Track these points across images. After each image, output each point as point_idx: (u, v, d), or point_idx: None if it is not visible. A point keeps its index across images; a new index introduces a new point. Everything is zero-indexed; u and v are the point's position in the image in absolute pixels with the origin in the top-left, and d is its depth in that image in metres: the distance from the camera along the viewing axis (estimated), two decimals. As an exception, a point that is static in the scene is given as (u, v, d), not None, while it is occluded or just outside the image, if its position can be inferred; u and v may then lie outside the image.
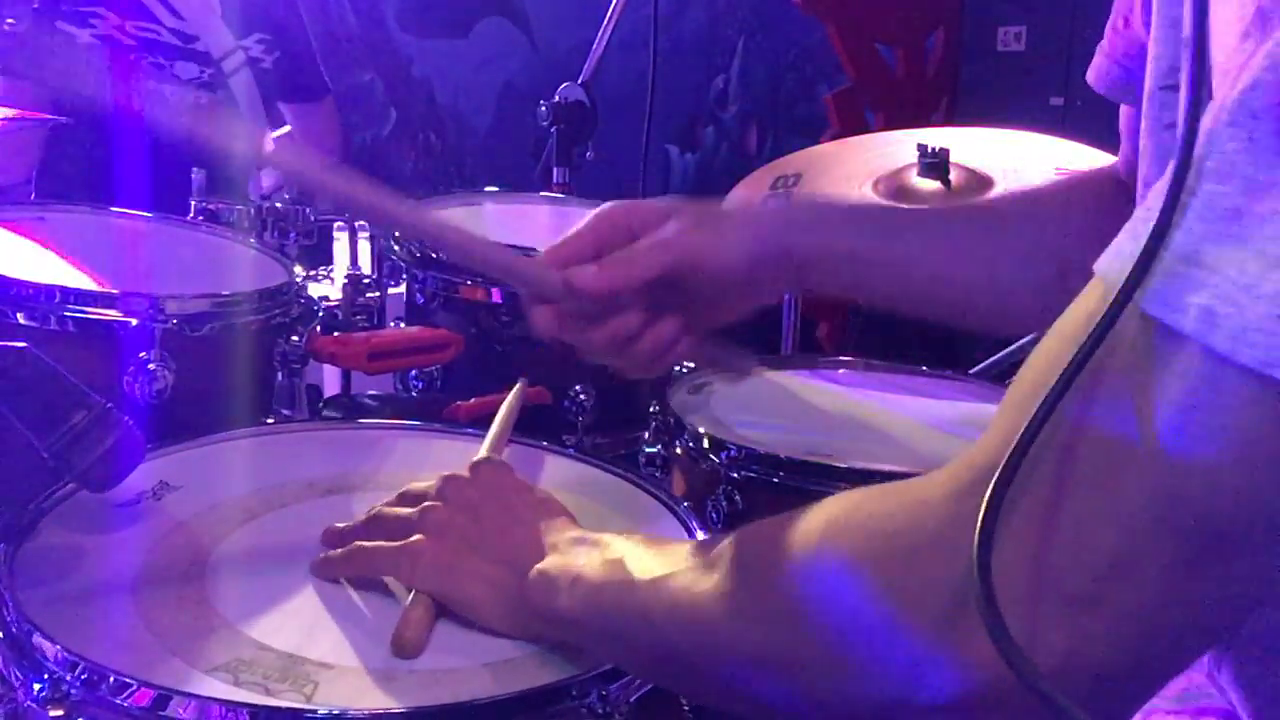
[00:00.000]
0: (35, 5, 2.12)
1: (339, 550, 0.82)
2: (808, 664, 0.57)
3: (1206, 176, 0.44)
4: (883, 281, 0.94)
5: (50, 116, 1.97)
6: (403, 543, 0.79)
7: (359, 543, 0.81)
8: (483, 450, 0.95)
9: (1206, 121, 0.45)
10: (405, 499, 0.85)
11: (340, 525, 0.85)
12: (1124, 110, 0.92)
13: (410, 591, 0.78)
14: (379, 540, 0.81)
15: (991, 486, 0.48)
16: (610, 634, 0.71)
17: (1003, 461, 0.48)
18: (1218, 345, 0.43)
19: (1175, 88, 0.62)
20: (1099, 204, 0.95)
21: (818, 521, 0.59)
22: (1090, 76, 0.89)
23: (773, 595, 0.60)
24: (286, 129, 2.55)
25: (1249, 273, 0.42)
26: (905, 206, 1.00)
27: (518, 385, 1.11)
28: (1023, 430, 0.48)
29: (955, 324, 1.02)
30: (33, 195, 2.14)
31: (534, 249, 1.42)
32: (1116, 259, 0.48)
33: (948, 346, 2.34)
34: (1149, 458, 0.45)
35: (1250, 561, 0.46)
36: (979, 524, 0.47)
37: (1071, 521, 0.48)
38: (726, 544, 0.65)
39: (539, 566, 0.75)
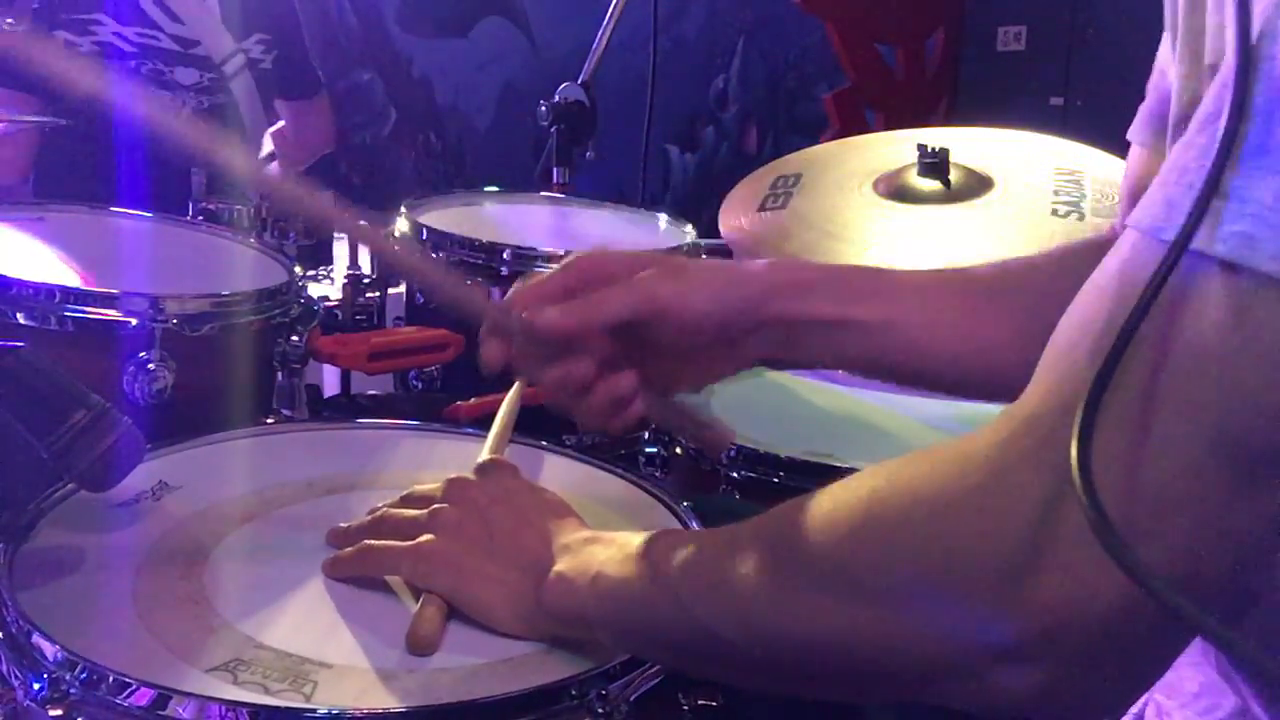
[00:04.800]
0: (35, 5, 2.12)
1: (348, 549, 0.82)
2: (866, 630, 0.57)
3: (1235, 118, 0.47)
4: (870, 347, 0.90)
5: (46, 119, 1.97)
6: (413, 543, 0.79)
7: (369, 541, 0.81)
8: (485, 451, 0.95)
9: (1222, 70, 0.48)
10: (410, 501, 0.85)
11: (345, 525, 0.85)
12: (1130, 159, 0.91)
13: (415, 592, 0.78)
14: (387, 540, 0.81)
15: (1081, 411, 0.48)
16: (639, 628, 0.70)
17: (1060, 402, 0.50)
18: (1261, 267, 0.45)
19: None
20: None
21: (859, 492, 0.60)
22: (1131, 133, 0.89)
23: (822, 569, 0.60)
24: (280, 124, 2.55)
25: None
26: (891, 270, 0.96)
27: (517, 384, 1.11)
28: (1104, 361, 0.48)
29: (945, 393, 1.00)
30: (31, 195, 2.15)
31: (534, 249, 1.43)
32: (1149, 209, 0.50)
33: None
34: (1200, 388, 0.47)
35: None
36: (1075, 438, 0.48)
37: (1129, 456, 0.49)
38: (758, 525, 0.65)
39: (555, 568, 0.74)
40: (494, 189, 1.84)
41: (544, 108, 1.91)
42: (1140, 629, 0.50)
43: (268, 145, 2.52)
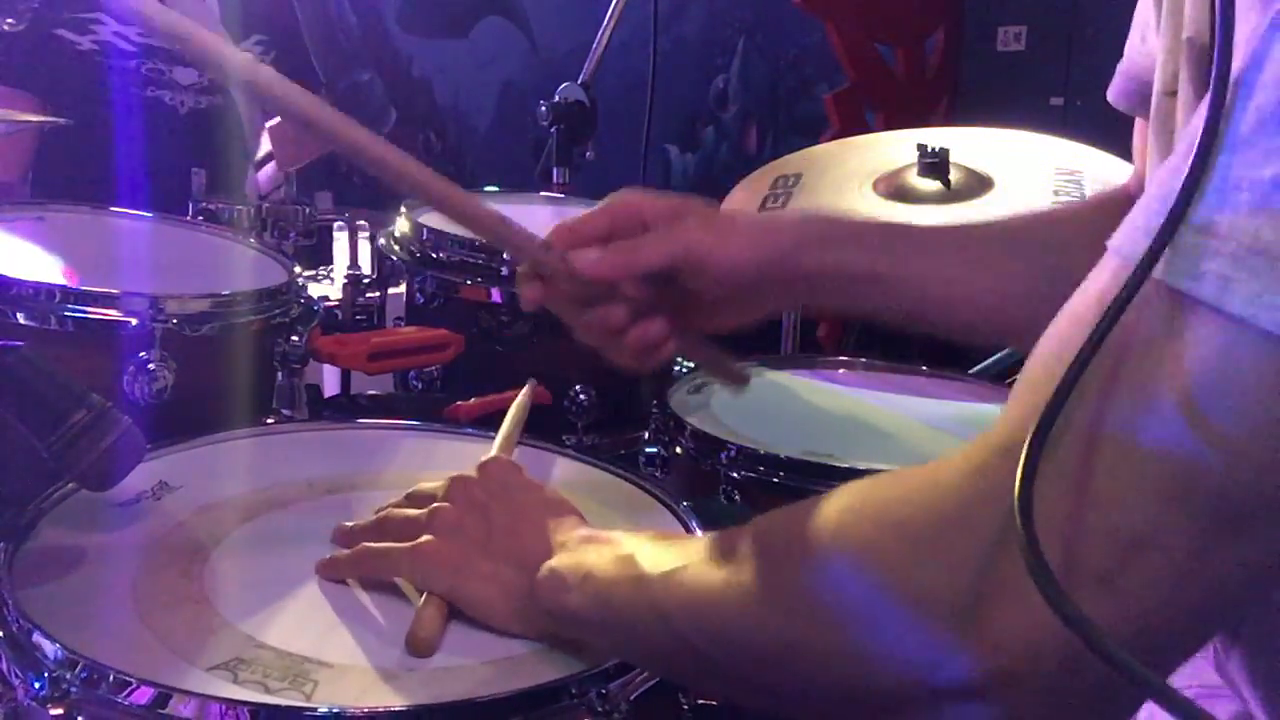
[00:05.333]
0: (35, 4, 2.12)
1: (347, 551, 0.82)
2: (827, 654, 0.57)
3: (1218, 150, 0.45)
4: (896, 299, 0.93)
5: (46, 119, 1.97)
6: (412, 544, 0.79)
7: (367, 544, 0.81)
8: (493, 450, 0.95)
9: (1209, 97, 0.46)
10: (413, 500, 0.85)
11: (349, 525, 0.86)
12: (1138, 127, 0.92)
13: (418, 592, 0.78)
14: (388, 541, 0.81)
15: (1025, 451, 0.47)
16: (623, 630, 0.70)
17: (1027, 434, 0.48)
18: (1236, 310, 0.43)
19: (1176, 94, 0.63)
20: (1114, 224, 0.95)
21: (831, 511, 0.59)
22: (1110, 94, 0.89)
23: (789, 586, 0.59)
24: (278, 120, 2.54)
25: (1263, 238, 0.43)
26: (916, 224, 0.99)
27: (528, 385, 1.10)
28: (1049, 400, 0.47)
29: (966, 340, 1.01)
30: (30, 195, 2.15)
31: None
32: (1130, 234, 0.49)
33: (948, 346, 2.34)
34: (1168, 434, 0.45)
35: (1272, 535, 0.46)
36: (1017, 487, 0.46)
37: (1094, 500, 0.48)
38: (739, 536, 0.65)
39: (548, 564, 0.75)
40: (494, 189, 1.84)
41: (544, 108, 1.91)
42: (1093, 677, 0.49)
43: (265, 145, 2.52)
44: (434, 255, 1.41)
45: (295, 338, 1.22)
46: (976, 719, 0.53)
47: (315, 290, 1.47)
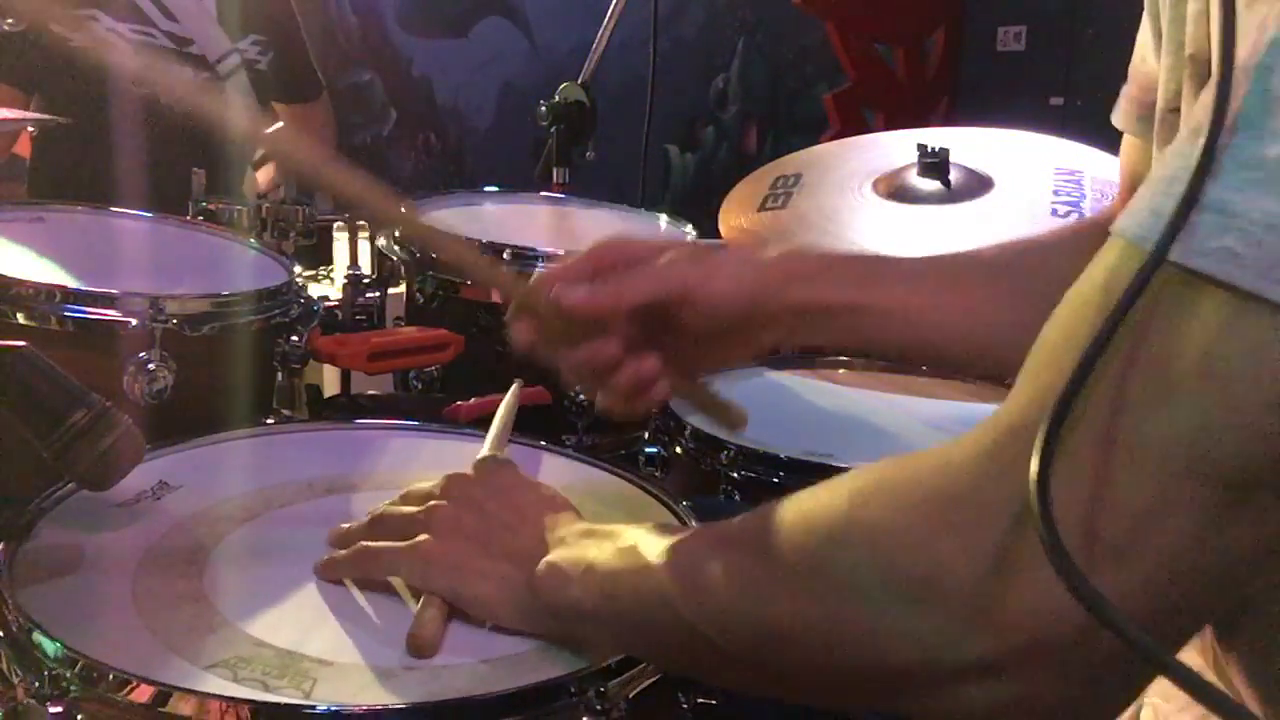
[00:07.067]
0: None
1: (344, 551, 0.82)
2: (840, 633, 0.57)
3: (1228, 131, 0.46)
4: (880, 331, 0.92)
5: (47, 118, 1.97)
6: (409, 543, 0.79)
7: (364, 543, 0.81)
8: (485, 449, 0.95)
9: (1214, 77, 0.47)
10: (409, 499, 0.85)
11: (345, 526, 0.86)
12: (1123, 148, 0.92)
13: (414, 591, 0.78)
14: (384, 540, 0.81)
15: (1043, 431, 0.48)
16: (626, 620, 0.70)
17: (1040, 415, 0.49)
18: (1244, 284, 0.44)
19: (1179, 110, 0.63)
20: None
21: (842, 494, 0.59)
22: (1114, 117, 0.89)
23: (800, 571, 0.59)
24: (280, 125, 2.54)
25: (1271, 213, 0.44)
26: (897, 256, 0.98)
27: (514, 386, 1.11)
28: (1068, 381, 0.48)
29: (966, 373, 1.00)
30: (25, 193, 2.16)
31: (533, 249, 1.44)
32: (1136, 216, 0.49)
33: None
34: (1178, 406, 0.46)
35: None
36: (1034, 467, 0.47)
37: (1108, 475, 0.48)
38: (743, 522, 0.65)
39: (548, 559, 0.75)
40: (494, 189, 1.84)
41: (544, 108, 1.92)
42: (1109, 651, 0.49)
43: (262, 146, 2.51)
44: (434, 255, 1.41)
45: (295, 338, 1.22)
46: (993, 697, 0.53)
47: (315, 290, 1.47)
